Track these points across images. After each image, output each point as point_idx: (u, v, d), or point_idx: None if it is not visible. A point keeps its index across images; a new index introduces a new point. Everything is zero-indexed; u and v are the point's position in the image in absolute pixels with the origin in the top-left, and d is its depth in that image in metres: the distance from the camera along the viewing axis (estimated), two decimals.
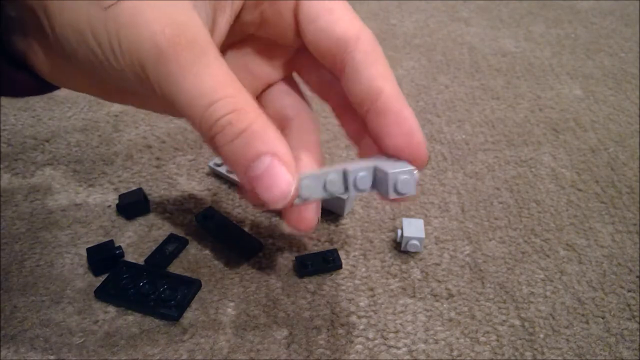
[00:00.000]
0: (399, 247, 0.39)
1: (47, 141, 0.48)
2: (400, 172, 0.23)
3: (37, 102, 0.52)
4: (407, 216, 0.41)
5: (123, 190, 0.42)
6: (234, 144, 0.21)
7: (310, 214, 0.26)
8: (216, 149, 0.22)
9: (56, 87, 0.27)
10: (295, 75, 0.30)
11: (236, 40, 0.28)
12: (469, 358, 0.32)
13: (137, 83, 0.22)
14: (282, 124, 0.29)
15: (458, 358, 0.32)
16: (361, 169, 0.23)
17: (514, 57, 0.62)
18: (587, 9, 0.73)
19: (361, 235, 0.40)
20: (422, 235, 0.37)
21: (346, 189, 0.23)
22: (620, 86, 0.57)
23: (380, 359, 0.32)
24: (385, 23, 0.67)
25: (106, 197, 0.42)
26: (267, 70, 0.29)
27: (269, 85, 0.30)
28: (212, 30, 0.24)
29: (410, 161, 0.24)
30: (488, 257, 0.39)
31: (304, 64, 0.29)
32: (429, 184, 0.44)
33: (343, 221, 0.41)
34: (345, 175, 0.23)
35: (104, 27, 0.21)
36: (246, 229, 0.39)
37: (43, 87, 0.26)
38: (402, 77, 0.57)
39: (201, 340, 0.33)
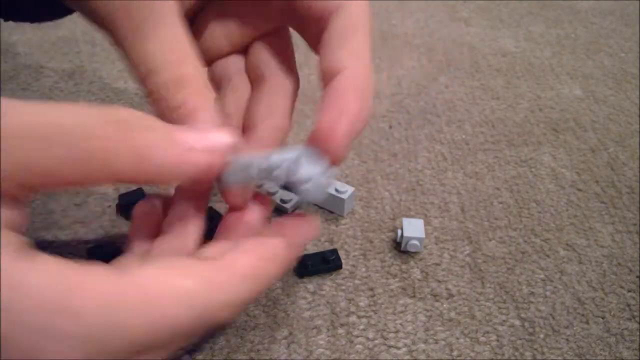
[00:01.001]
0: (399, 247, 0.39)
1: None
2: (312, 173, 0.21)
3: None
4: (407, 216, 0.41)
5: (123, 190, 0.42)
6: (170, 116, 0.21)
7: (238, 194, 0.25)
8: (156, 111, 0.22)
9: (64, 13, 0.26)
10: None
11: None
12: (469, 358, 0.32)
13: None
14: (257, 82, 0.28)
15: (458, 358, 0.32)
16: (283, 160, 0.22)
17: (514, 57, 0.62)
18: (587, 9, 0.73)
19: (361, 235, 0.40)
20: (422, 235, 0.37)
21: (265, 179, 0.22)
22: (620, 86, 0.57)
23: (380, 359, 0.32)
24: (386, 23, 0.67)
25: (106, 197, 0.42)
26: (258, 20, 0.28)
27: (261, 35, 0.28)
28: None
29: (325, 149, 0.22)
30: (488, 257, 0.39)
31: (297, 17, 0.27)
32: (429, 184, 0.44)
33: (343, 221, 0.41)
34: (267, 166, 0.22)
35: None
36: None
37: (54, 10, 0.25)
38: (402, 77, 0.57)
39: (201, 340, 0.33)
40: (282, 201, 0.41)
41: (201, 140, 0.20)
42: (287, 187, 0.22)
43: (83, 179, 0.18)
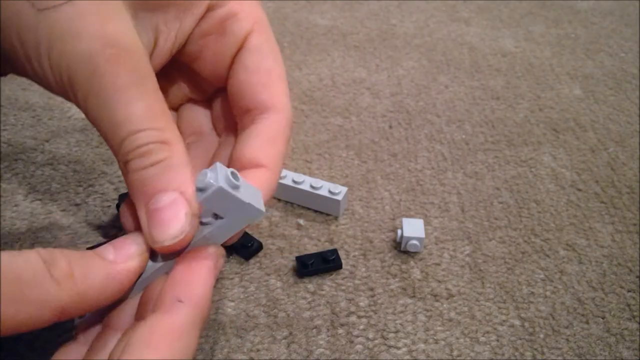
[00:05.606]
0: (399, 247, 0.39)
1: (47, 141, 0.48)
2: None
3: (37, 102, 0.52)
4: (407, 216, 0.41)
5: (123, 190, 0.42)
6: (146, 171, 0.21)
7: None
8: (126, 173, 0.21)
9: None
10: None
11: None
12: (469, 358, 0.32)
13: (60, 92, 0.22)
14: (195, 137, 0.30)
15: (458, 358, 0.32)
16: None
17: (514, 57, 0.62)
18: (587, 9, 0.73)
19: (361, 235, 0.40)
20: (422, 235, 0.37)
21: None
22: (620, 86, 0.57)
23: (380, 359, 0.32)
24: (385, 23, 0.67)
25: (106, 197, 0.42)
26: (190, 89, 0.30)
27: (190, 100, 0.30)
28: (151, 53, 0.24)
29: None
30: (488, 257, 0.39)
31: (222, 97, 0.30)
32: (429, 184, 0.44)
33: (343, 221, 0.41)
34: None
35: (33, 32, 0.20)
36: (246, 229, 0.39)
37: None
38: (402, 77, 0.57)
39: (201, 340, 0.33)
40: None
41: (121, 254, 0.21)
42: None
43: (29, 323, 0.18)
